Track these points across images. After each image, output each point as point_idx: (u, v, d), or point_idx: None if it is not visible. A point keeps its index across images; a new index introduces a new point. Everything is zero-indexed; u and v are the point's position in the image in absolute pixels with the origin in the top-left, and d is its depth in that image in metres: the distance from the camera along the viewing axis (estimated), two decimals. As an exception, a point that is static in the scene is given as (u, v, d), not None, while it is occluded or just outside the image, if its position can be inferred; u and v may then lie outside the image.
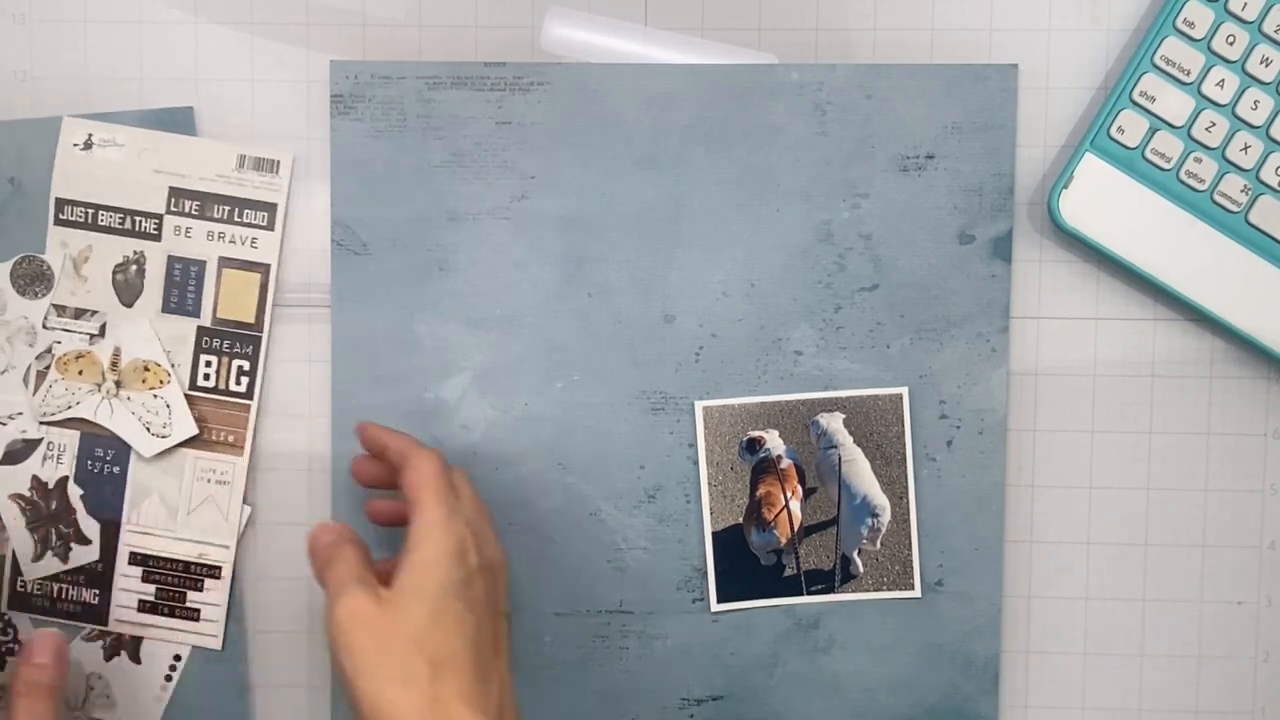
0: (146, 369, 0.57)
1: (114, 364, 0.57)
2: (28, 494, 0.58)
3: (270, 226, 0.57)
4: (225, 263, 0.57)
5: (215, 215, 0.57)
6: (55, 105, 0.58)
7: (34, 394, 0.57)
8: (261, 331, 0.57)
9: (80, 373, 0.57)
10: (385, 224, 0.57)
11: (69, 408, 0.57)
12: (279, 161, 0.57)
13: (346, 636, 0.46)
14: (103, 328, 0.57)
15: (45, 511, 0.58)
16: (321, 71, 0.58)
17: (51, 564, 0.58)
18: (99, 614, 0.58)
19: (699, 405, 0.58)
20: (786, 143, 0.57)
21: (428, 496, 0.49)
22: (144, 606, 0.58)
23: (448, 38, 0.58)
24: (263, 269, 0.57)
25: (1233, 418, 0.59)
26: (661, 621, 0.58)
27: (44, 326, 0.57)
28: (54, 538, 0.58)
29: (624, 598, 0.58)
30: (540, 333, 0.58)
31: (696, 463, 0.58)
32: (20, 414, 0.57)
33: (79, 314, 0.57)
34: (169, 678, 0.58)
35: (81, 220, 0.57)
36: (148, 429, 0.57)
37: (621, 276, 0.57)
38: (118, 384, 0.57)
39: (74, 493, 0.57)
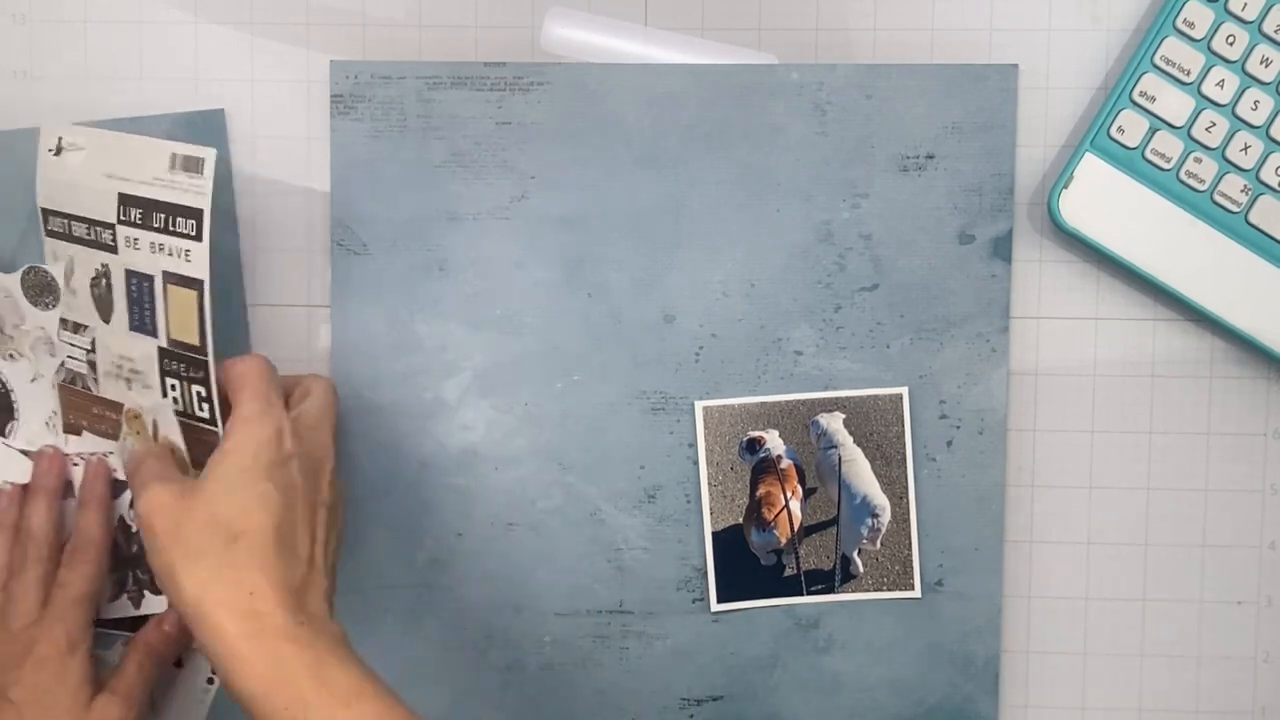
0: (172, 452, 0.54)
1: (154, 435, 0.54)
2: (113, 534, 0.55)
3: (198, 236, 0.49)
4: (169, 278, 0.51)
5: (155, 224, 0.51)
6: (55, 105, 0.58)
7: (119, 439, 0.55)
8: (206, 355, 0.51)
9: (137, 433, 0.55)
10: (385, 224, 0.57)
11: None
12: (203, 160, 0.49)
13: (145, 523, 0.48)
14: (93, 343, 0.55)
15: (125, 554, 0.56)
16: (321, 71, 0.58)
17: (124, 606, 0.56)
18: (135, 623, 0.56)
19: (699, 405, 0.58)
20: (786, 143, 0.57)
21: (244, 394, 0.50)
22: None
23: (448, 38, 0.58)
24: (198, 286, 0.50)
25: (1233, 418, 0.59)
26: (661, 621, 0.58)
27: (59, 338, 0.56)
28: (130, 581, 0.56)
29: (624, 598, 0.58)
30: (540, 333, 0.58)
31: (696, 463, 0.58)
32: (111, 453, 0.56)
33: (76, 328, 0.55)
34: (211, 680, 0.57)
35: (62, 231, 0.54)
36: None
37: (621, 276, 0.57)
38: None
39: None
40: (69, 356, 0.56)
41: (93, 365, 0.55)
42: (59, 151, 0.53)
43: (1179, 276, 0.57)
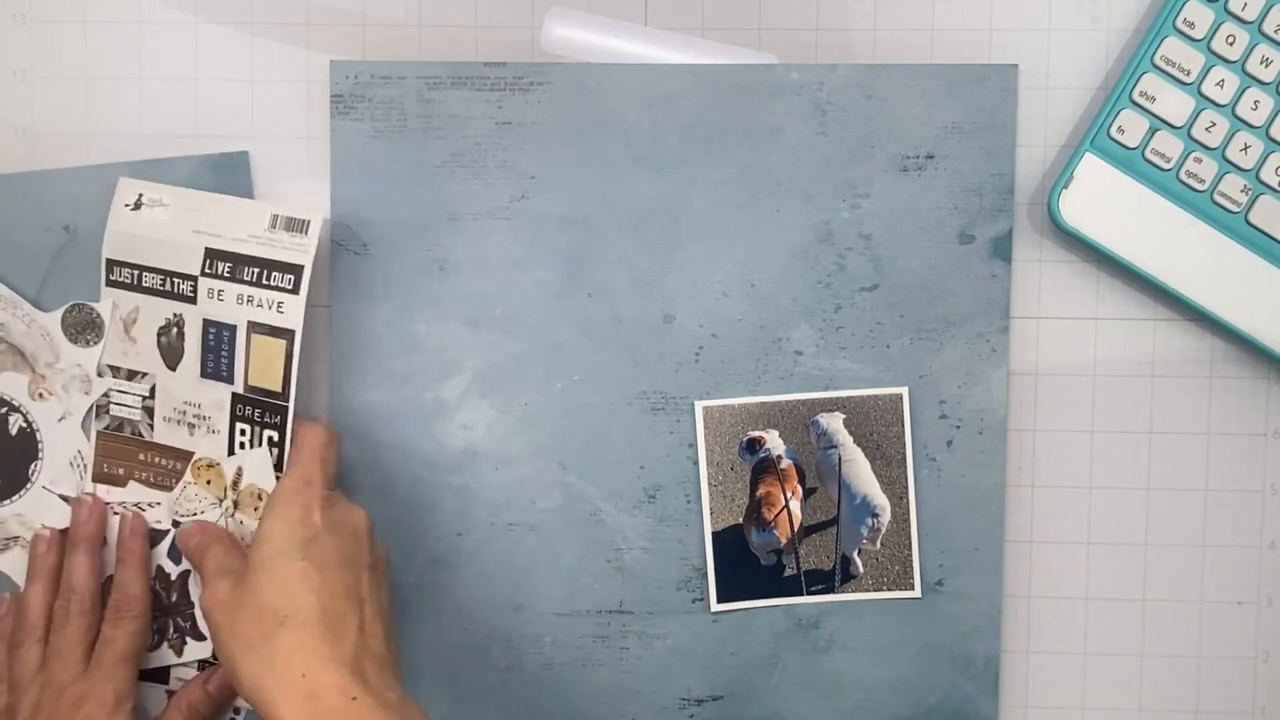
0: (259, 498, 0.55)
1: (235, 483, 0.56)
2: (152, 584, 0.56)
3: (295, 290, 0.54)
4: (254, 328, 0.54)
5: (245, 278, 0.54)
6: (55, 106, 0.58)
7: (172, 490, 0.56)
8: (287, 402, 0.54)
9: (209, 482, 0.56)
10: (385, 224, 0.57)
11: (197, 513, 0.56)
12: (309, 222, 0.54)
13: (206, 618, 0.50)
14: (152, 389, 0.56)
15: (165, 602, 0.57)
16: (321, 71, 0.58)
17: (165, 655, 0.57)
18: (160, 674, 0.57)
19: (699, 405, 0.58)
20: (786, 143, 0.57)
21: (289, 470, 0.53)
22: (203, 669, 0.57)
23: (448, 38, 0.58)
24: (288, 335, 0.54)
25: (1233, 418, 0.59)
26: (661, 621, 0.58)
27: (98, 375, 0.57)
28: (171, 630, 0.57)
29: (624, 598, 0.58)
30: (540, 333, 0.58)
31: (696, 463, 0.58)
32: (158, 504, 0.57)
33: (131, 375, 0.56)
34: (237, 711, 0.58)
35: (128, 281, 0.56)
36: None
37: (621, 276, 0.57)
38: (235, 504, 0.56)
39: (194, 589, 0.56)
40: (118, 404, 0.57)
41: (149, 412, 0.56)
42: (138, 207, 0.55)
43: (1179, 276, 0.57)
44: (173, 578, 0.57)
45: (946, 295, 0.57)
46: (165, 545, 0.57)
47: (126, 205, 0.56)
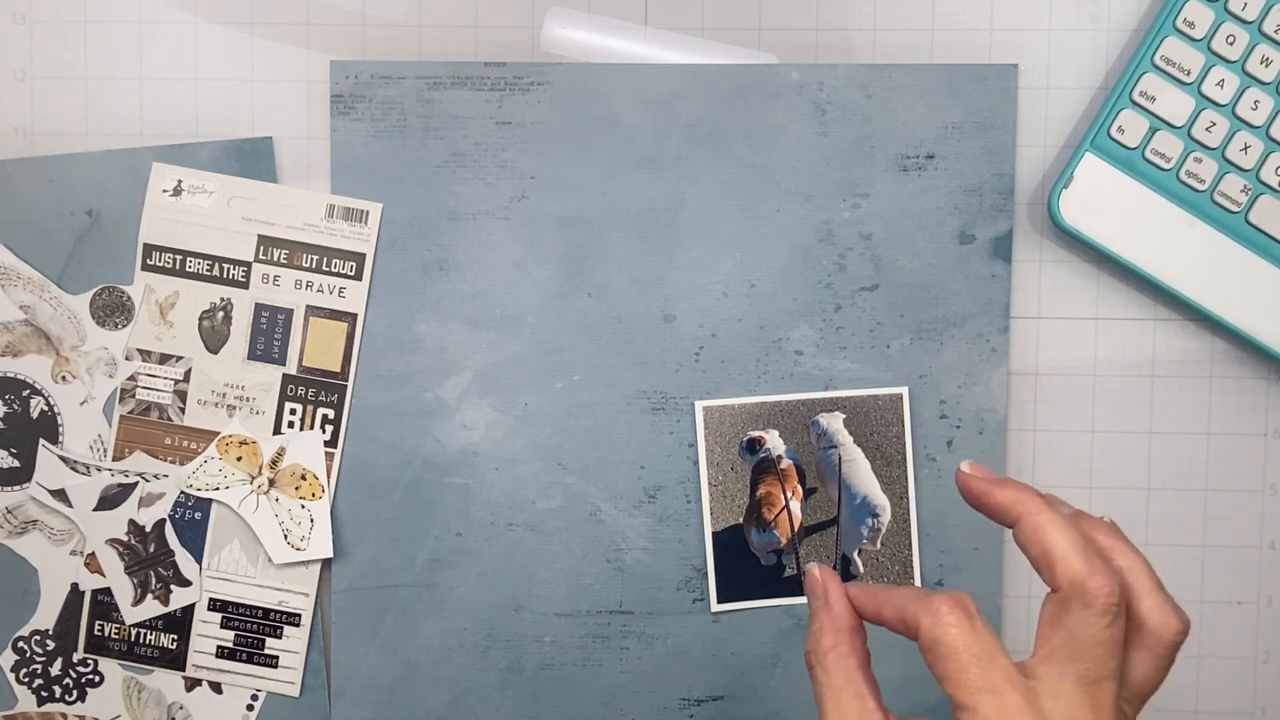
0: (303, 478, 0.57)
1: (274, 462, 0.56)
2: (125, 538, 0.57)
3: (358, 276, 0.57)
4: (313, 311, 0.57)
5: (303, 264, 0.57)
6: (55, 105, 0.58)
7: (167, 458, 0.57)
8: (347, 380, 0.57)
9: (239, 459, 0.57)
10: (385, 224, 0.57)
11: (216, 489, 0.57)
12: (368, 212, 0.57)
13: None
14: (188, 373, 0.57)
15: (144, 555, 0.57)
16: (321, 71, 0.58)
17: (152, 607, 0.57)
18: (177, 659, 0.57)
19: (699, 405, 0.58)
20: (786, 143, 0.57)
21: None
22: (222, 653, 0.57)
23: (448, 38, 0.58)
24: (349, 319, 0.57)
25: (1233, 418, 0.59)
26: (661, 621, 0.58)
27: (125, 359, 0.57)
28: (154, 580, 0.57)
29: (624, 598, 0.58)
30: (540, 333, 0.58)
31: (696, 463, 0.58)
32: (166, 476, 0.57)
33: (164, 359, 0.57)
34: (250, 707, 0.58)
35: (169, 266, 0.57)
36: (285, 536, 0.57)
37: (621, 276, 0.58)
38: (271, 482, 0.56)
39: (171, 535, 0.57)
40: (147, 388, 0.57)
41: (181, 395, 0.57)
42: (177, 193, 0.56)
43: (1179, 276, 0.57)
44: (147, 529, 0.57)
45: (946, 295, 0.57)
46: (134, 499, 0.57)
47: (164, 191, 0.56)
